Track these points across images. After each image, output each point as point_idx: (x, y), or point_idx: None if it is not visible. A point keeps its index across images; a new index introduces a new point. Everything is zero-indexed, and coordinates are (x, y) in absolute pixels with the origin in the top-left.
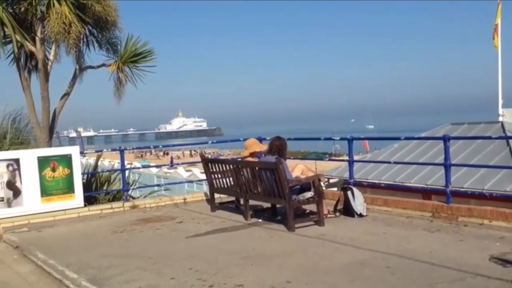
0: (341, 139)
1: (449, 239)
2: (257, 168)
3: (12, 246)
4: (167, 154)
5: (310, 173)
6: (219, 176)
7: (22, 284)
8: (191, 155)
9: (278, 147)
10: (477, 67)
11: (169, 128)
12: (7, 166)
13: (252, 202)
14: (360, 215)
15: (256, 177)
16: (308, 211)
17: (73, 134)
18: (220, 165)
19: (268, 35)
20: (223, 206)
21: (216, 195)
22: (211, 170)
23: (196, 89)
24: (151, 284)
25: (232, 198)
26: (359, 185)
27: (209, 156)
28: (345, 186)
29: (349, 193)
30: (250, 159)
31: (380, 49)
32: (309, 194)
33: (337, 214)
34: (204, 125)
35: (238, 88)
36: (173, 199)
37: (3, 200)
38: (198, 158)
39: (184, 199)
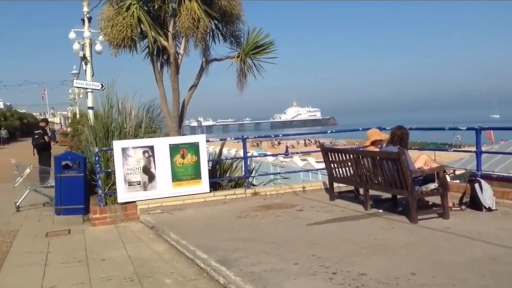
0: (468, 129)
1: None
2: (378, 158)
3: (148, 226)
4: (279, 144)
5: (434, 164)
6: (339, 165)
7: (159, 261)
8: (305, 145)
9: (400, 136)
10: None
11: (284, 117)
12: (143, 152)
13: (371, 192)
14: (489, 209)
15: (377, 167)
16: (430, 203)
17: (194, 123)
18: (339, 154)
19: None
20: (342, 195)
21: (335, 184)
22: (330, 160)
23: (311, 79)
24: (275, 268)
25: (351, 188)
26: (487, 177)
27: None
28: (472, 178)
29: (476, 185)
30: (371, 148)
31: None
32: (432, 186)
33: (463, 207)
34: (318, 115)
35: (353, 77)
36: (292, 187)
37: (139, 184)
38: (313, 148)
39: (303, 187)
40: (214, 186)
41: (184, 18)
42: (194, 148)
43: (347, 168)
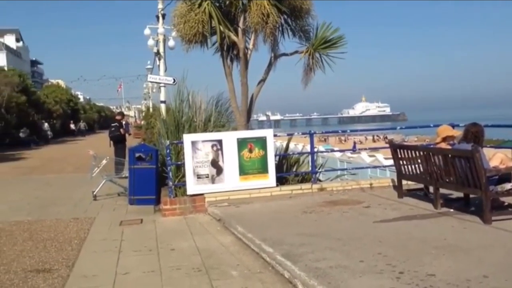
0: None
1: None
2: (450, 155)
3: (215, 219)
4: (346, 140)
5: (510, 163)
6: (408, 162)
7: (225, 253)
8: (373, 141)
9: (474, 134)
10: None
11: (352, 113)
12: (212, 146)
13: (442, 190)
14: None
15: (449, 164)
16: (506, 203)
17: (262, 118)
18: (409, 151)
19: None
20: (410, 193)
21: (404, 182)
22: (399, 156)
23: (381, 74)
24: (340, 264)
25: (421, 186)
26: None
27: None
28: None
29: None
30: (442, 145)
31: None
32: (509, 186)
33: None
34: (387, 110)
35: (425, 72)
36: (359, 184)
37: (208, 177)
38: (381, 144)
39: (370, 184)
40: (281, 180)
41: (254, 14)
42: (261, 142)
43: (416, 165)
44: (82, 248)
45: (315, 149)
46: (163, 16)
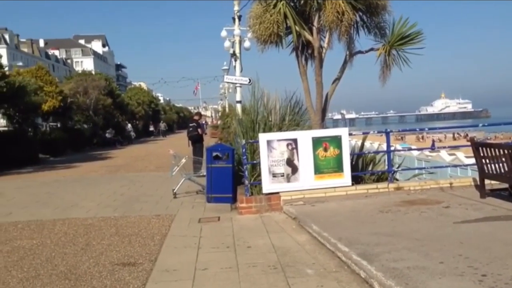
0: None
1: None
2: None
3: (291, 217)
4: (423, 138)
5: None
6: (491, 161)
7: (301, 252)
8: (454, 138)
9: None
10: None
11: (430, 110)
12: (287, 145)
13: None
14: None
15: None
16: None
17: (337, 116)
18: (492, 149)
19: None
20: (494, 193)
21: (486, 181)
22: (481, 155)
23: (461, 69)
24: (419, 265)
25: (505, 185)
26: None
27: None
28: None
29: None
30: None
31: None
32: None
33: None
34: (468, 107)
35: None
36: (439, 183)
37: (283, 176)
38: (462, 142)
39: (450, 183)
40: (356, 179)
41: (328, 12)
42: (336, 141)
43: (501, 164)
44: (164, 243)
45: (392, 148)
46: (239, 17)
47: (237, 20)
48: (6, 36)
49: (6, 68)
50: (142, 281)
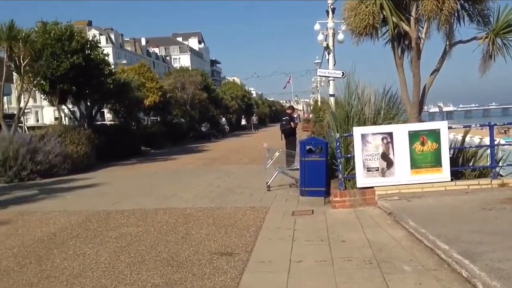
0: None
1: None
2: None
3: (386, 212)
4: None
5: None
6: None
7: (397, 247)
8: None
9: None
10: None
11: None
12: (382, 139)
13: None
14: None
15: None
16: None
17: (433, 109)
18: None
19: None
20: None
21: None
22: None
23: None
24: None
25: None
26: None
27: None
28: None
29: None
30: None
31: None
32: None
33: None
34: None
35: None
36: None
37: (378, 170)
38: None
39: None
40: (456, 175)
41: (427, 1)
42: (434, 135)
43: None
44: (259, 235)
45: (495, 142)
46: (333, 10)
47: (330, 13)
48: (112, 36)
49: (112, 66)
50: (239, 271)
